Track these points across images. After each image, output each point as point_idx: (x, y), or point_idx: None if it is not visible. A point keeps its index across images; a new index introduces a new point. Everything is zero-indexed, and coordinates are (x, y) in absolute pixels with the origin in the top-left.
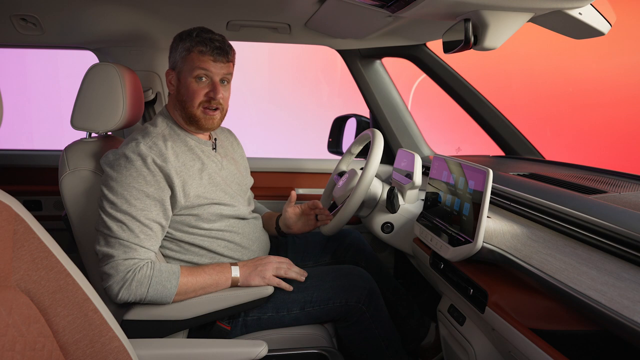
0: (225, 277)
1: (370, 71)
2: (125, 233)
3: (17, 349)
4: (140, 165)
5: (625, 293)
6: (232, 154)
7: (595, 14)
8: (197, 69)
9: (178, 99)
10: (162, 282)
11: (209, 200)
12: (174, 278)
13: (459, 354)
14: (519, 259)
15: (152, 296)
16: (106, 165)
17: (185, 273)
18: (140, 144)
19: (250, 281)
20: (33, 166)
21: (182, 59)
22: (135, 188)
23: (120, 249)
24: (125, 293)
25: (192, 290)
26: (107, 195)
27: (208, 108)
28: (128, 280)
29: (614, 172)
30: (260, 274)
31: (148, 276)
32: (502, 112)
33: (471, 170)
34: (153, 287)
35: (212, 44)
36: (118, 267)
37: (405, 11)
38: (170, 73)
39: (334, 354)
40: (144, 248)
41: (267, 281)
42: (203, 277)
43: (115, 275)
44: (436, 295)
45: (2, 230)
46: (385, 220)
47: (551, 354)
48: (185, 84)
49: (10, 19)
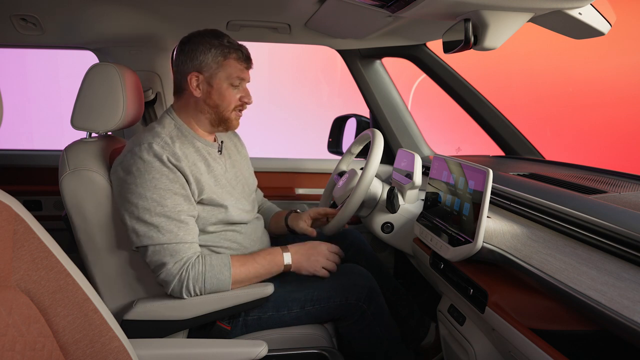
0: (278, 266)
1: (370, 71)
2: (166, 236)
3: (17, 349)
4: (159, 165)
5: (625, 293)
6: (236, 155)
7: (595, 14)
8: (235, 77)
9: (209, 104)
10: (216, 275)
11: (214, 201)
12: (226, 269)
13: (459, 354)
14: (519, 259)
15: (210, 288)
16: (123, 173)
17: (237, 264)
18: (152, 144)
19: (301, 270)
20: (33, 166)
21: (217, 64)
22: (162, 188)
23: (167, 254)
24: (186, 292)
25: (246, 279)
26: (136, 202)
27: (240, 110)
28: (184, 281)
29: (614, 172)
30: (313, 266)
31: (201, 272)
32: (502, 112)
33: (471, 170)
34: (209, 281)
35: (244, 52)
36: (171, 272)
37: (405, 11)
38: (196, 76)
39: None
40: (188, 243)
41: (317, 272)
42: (255, 267)
43: (172, 280)
44: (436, 295)
45: (2, 230)
46: (385, 220)
47: (551, 354)
48: (221, 89)
49: (10, 19)
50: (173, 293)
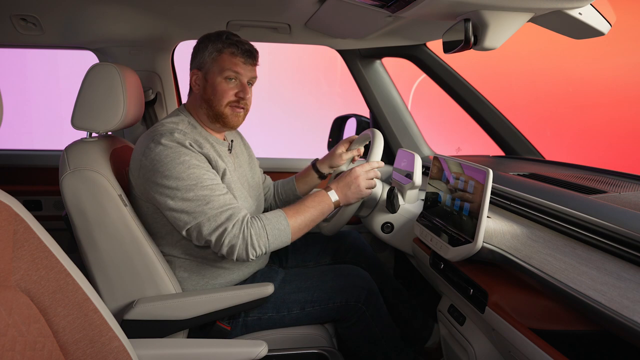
0: (328, 205)
1: (370, 71)
2: (217, 203)
3: (17, 349)
4: (184, 149)
5: (625, 293)
6: (241, 154)
7: (595, 14)
8: (228, 70)
9: (204, 98)
10: (276, 226)
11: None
12: (283, 219)
13: (459, 354)
14: (519, 259)
15: (273, 241)
16: (150, 164)
17: (291, 213)
18: (173, 133)
19: (350, 200)
20: (33, 166)
21: (212, 60)
22: (195, 166)
23: (224, 218)
24: (252, 251)
25: (303, 224)
26: (175, 184)
27: (236, 106)
28: (248, 239)
29: (614, 172)
30: (357, 193)
31: (261, 227)
32: (502, 112)
33: (471, 170)
34: (271, 233)
35: (243, 47)
36: (234, 234)
37: (405, 11)
38: (195, 73)
39: (334, 354)
40: (237, 206)
41: (363, 196)
42: (309, 212)
43: (237, 242)
44: (436, 295)
45: (2, 230)
46: (385, 220)
47: (551, 354)
48: (214, 83)
49: (10, 19)
50: (240, 256)
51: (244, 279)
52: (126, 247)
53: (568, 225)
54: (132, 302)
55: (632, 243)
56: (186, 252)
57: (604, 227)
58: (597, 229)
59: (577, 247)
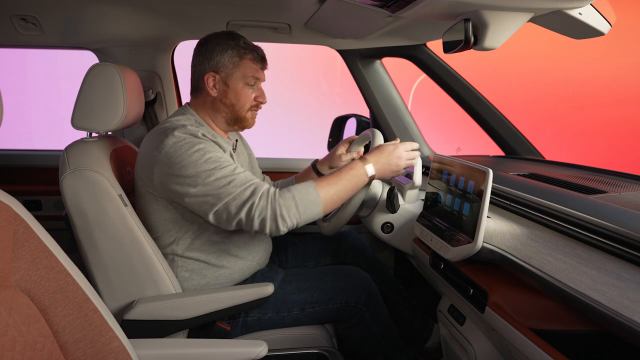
0: (362, 178)
1: (370, 71)
2: (238, 181)
3: (17, 349)
4: (197, 139)
5: (625, 293)
6: (242, 154)
7: (595, 14)
8: (250, 77)
9: (225, 103)
10: (305, 197)
11: None
12: (313, 189)
13: (459, 354)
14: (519, 259)
15: (304, 212)
16: (165, 157)
17: (322, 184)
18: (186, 126)
19: (384, 176)
20: (33, 166)
21: (233, 65)
22: (211, 152)
23: (249, 193)
24: (282, 222)
25: (336, 196)
26: (194, 172)
27: (255, 110)
28: (277, 210)
29: (614, 172)
30: (395, 170)
31: (290, 197)
32: (502, 112)
33: (471, 170)
34: (300, 204)
35: (260, 52)
36: (263, 206)
37: (405, 11)
38: (213, 76)
39: (334, 354)
40: (257, 181)
41: (400, 173)
42: (342, 184)
43: (267, 215)
44: (436, 295)
45: (2, 230)
46: (385, 220)
47: (551, 354)
48: (236, 89)
49: (10, 19)
50: (271, 229)
51: (244, 279)
52: (126, 247)
53: (568, 225)
54: (132, 302)
55: (632, 243)
56: (188, 252)
57: (604, 227)
58: (597, 229)
59: (577, 247)
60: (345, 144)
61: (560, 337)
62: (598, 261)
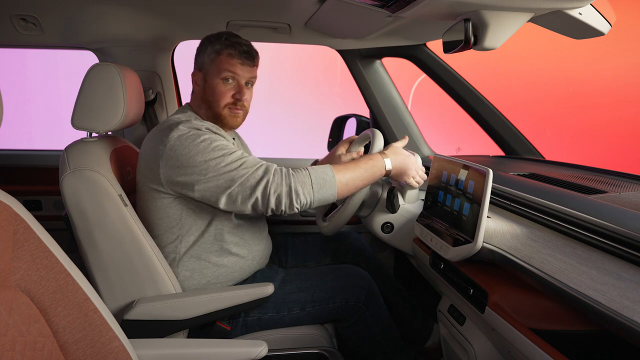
0: (380, 170)
1: (370, 71)
2: (249, 162)
3: (17, 349)
4: (202, 132)
5: (625, 293)
6: None
7: (595, 14)
8: (225, 71)
9: (203, 99)
10: (321, 176)
11: None
12: (329, 170)
13: (459, 354)
14: (519, 259)
15: (318, 190)
16: (173, 152)
17: (339, 168)
18: (190, 121)
19: (399, 177)
20: (33, 166)
21: (211, 61)
22: (217, 141)
23: (262, 171)
24: (296, 199)
25: (352, 183)
26: (204, 162)
27: (234, 108)
28: (292, 185)
29: (614, 172)
30: (409, 175)
31: (306, 174)
32: (502, 112)
33: (471, 170)
34: (316, 182)
35: (240, 48)
36: (276, 182)
37: (405, 11)
38: (196, 74)
39: (334, 354)
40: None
41: (410, 181)
42: (359, 171)
43: (282, 190)
44: (436, 295)
45: (2, 230)
46: (385, 220)
47: (551, 354)
48: (212, 84)
49: (10, 19)
50: (286, 206)
51: (244, 278)
52: (126, 247)
53: (568, 225)
54: (132, 302)
55: (632, 243)
56: (189, 251)
57: (604, 227)
58: (597, 229)
59: (577, 247)
60: (345, 144)
61: (560, 337)
62: (598, 261)
